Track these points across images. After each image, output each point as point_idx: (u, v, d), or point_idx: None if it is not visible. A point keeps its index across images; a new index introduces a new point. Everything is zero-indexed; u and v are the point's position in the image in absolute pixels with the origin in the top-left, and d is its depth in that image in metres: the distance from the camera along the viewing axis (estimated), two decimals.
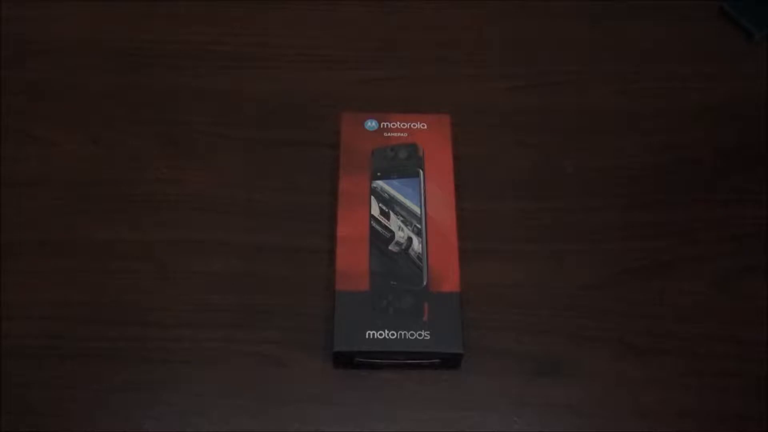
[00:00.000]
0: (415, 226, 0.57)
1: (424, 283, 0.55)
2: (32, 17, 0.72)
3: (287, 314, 0.56)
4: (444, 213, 0.58)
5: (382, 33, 0.73)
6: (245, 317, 0.56)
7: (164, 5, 0.73)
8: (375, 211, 0.58)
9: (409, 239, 0.56)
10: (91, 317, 0.56)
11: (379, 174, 0.59)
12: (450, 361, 0.54)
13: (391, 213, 0.57)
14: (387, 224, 0.57)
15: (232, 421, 0.52)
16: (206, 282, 0.58)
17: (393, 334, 0.53)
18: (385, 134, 0.62)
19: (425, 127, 0.62)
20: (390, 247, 0.56)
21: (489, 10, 0.74)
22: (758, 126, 0.66)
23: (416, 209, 0.58)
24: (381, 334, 0.53)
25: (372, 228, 0.57)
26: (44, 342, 0.55)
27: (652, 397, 0.54)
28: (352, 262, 0.55)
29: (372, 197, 0.58)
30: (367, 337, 0.53)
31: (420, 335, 0.53)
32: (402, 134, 0.61)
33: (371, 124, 0.62)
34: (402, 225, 0.57)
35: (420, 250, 0.56)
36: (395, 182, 0.59)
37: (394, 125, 0.62)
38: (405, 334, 0.53)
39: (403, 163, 0.60)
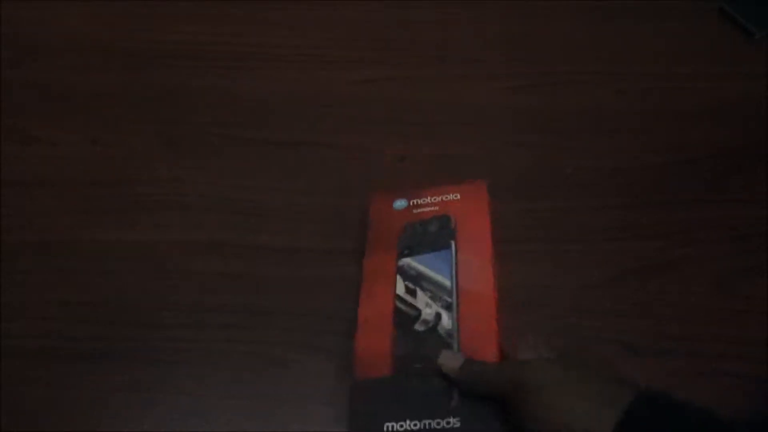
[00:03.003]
0: (444, 300, 0.51)
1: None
2: (32, 17, 0.72)
3: (287, 314, 0.56)
4: (480, 282, 0.51)
5: (382, 33, 0.73)
6: (245, 317, 0.56)
7: (164, 5, 0.73)
8: (400, 289, 0.53)
9: (438, 315, 0.50)
10: (91, 317, 0.56)
11: (407, 251, 0.55)
12: None
13: (417, 290, 0.52)
14: (413, 302, 0.52)
15: (232, 421, 0.52)
16: (206, 282, 0.58)
17: (416, 425, 0.45)
18: (415, 210, 0.57)
19: (458, 197, 0.57)
20: (416, 327, 0.50)
21: (489, 10, 0.74)
22: (758, 126, 0.66)
23: (446, 282, 0.52)
24: (402, 426, 0.46)
25: (396, 308, 0.52)
26: (44, 342, 0.55)
27: None
28: (373, 346, 0.50)
29: (398, 276, 0.53)
30: (386, 430, 0.46)
31: (448, 423, 0.45)
32: (433, 208, 0.57)
33: (400, 204, 0.58)
34: (430, 301, 0.51)
35: (450, 326, 0.50)
36: (425, 257, 0.54)
37: (424, 201, 0.58)
38: (430, 423, 0.45)
39: (434, 236, 0.55)
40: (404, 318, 0.51)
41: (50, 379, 0.54)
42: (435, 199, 0.57)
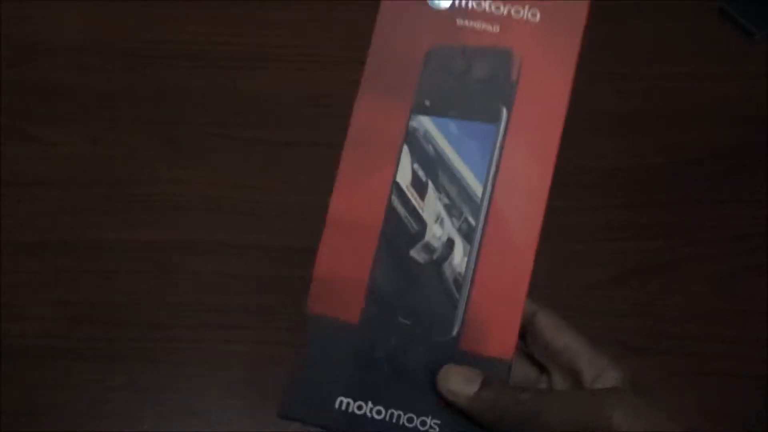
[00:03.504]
0: (465, 219, 0.32)
1: (455, 332, 0.32)
2: (32, 17, 0.72)
3: (287, 314, 0.56)
4: (526, 203, 0.33)
5: None
6: (245, 317, 0.56)
7: (164, 5, 0.73)
8: (405, 176, 0.33)
9: (450, 243, 0.32)
10: (91, 317, 0.56)
11: (427, 103, 0.33)
12: None
13: (430, 185, 0.33)
14: (418, 206, 0.33)
15: (232, 421, 0.52)
16: (206, 282, 0.58)
17: (380, 413, 0.32)
18: (460, 20, 0.33)
19: (536, 18, 0.33)
20: (413, 253, 0.33)
21: None
22: (758, 126, 0.66)
23: (475, 187, 0.32)
24: (361, 408, 0.32)
25: (391, 208, 0.33)
26: (44, 342, 0.55)
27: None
28: (342, 267, 0.33)
29: (405, 148, 0.33)
30: (336, 407, 0.32)
31: (423, 425, 0.31)
32: (490, 27, 0.33)
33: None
34: (444, 213, 0.33)
35: (462, 268, 0.32)
36: (452, 126, 0.33)
37: (480, 5, 0.33)
38: (399, 416, 0.31)
39: (477, 87, 0.33)
40: (398, 229, 0.33)
41: (50, 379, 0.54)
42: (498, 8, 0.33)
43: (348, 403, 0.32)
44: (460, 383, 0.31)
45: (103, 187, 0.62)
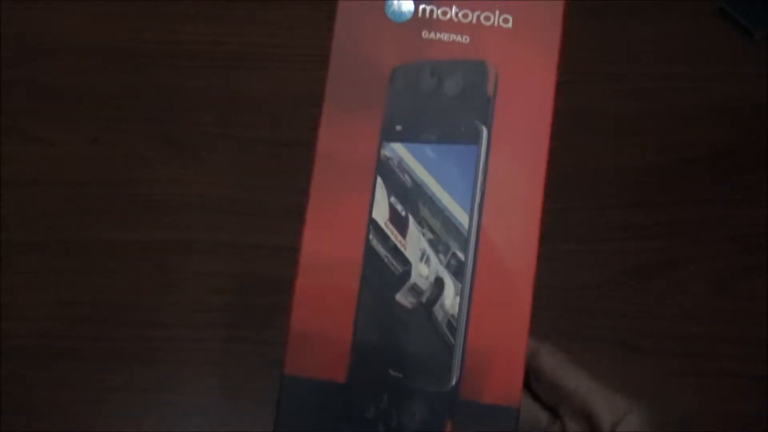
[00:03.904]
0: (453, 255, 0.29)
1: (453, 382, 0.29)
2: (32, 17, 0.72)
3: (287, 314, 0.56)
4: (518, 230, 0.29)
5: None
6: (245, 317, 0.56)
7: (164, 5, 0.73)
8: (381, 212, 0.29)
9: (439, 283, 0.29)
10: (91, 317, 0.56)
11: (399, 128, 0.30)
12: None
13: (410, 220, 0.29)
14: (400, 244, 0.29)
15: (232, 421, 0.52)
16: (206, 282, 0.58)
17: None
18: (425, 33, 0.30)
19: (509, 24, 0.30)
20: (399, 297, 0.29)
21: None
22: (758, 126, 0.66)
23: (462, 217, 0.29)
24: None
25: (370, 249, 0.29)
26: (44, 342, 0.55)
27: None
28: (322, 319, 0.29)
29: (379, 180, 0.29)
30: None
31: None
32: (459, 38, 0.30)
33: (399, 8, 0.30)
34: (429, 249, 0.29)
35: (455, 310, 0.29)
36: (428, 151, 0.29)
37: (445, 13, 0.30)
38: None
39: (450, 106, 0.29)
40: (380, 272, 0.29)
41: (50, 379, 0.54)
42: (466, 16, 0.30)
43: None
44: None
45: (103, 187, 0.62)
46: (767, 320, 0.57)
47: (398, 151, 0.29)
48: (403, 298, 0.29)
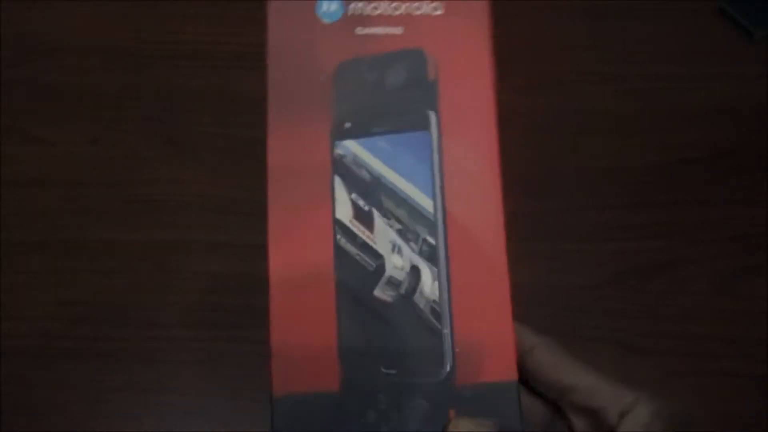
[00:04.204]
0: (424, 240, 0.29)
1: (448, 368, 0.28)
2: (32, 17, 0.72)
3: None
4: (482, 205, 0.29)
5: None
6: (245, 317, 0.56)
7: (164, 5, 0.73)
8: (344, 211, 0.29)
9: (415, 271, 0.29)
10: (91, 317, 0.56)
11: (348, 125, 0.29)
12: None
13: (375, 214, 0.29)
14: (369, 240, 0.29)
15: (232, 421, 0.52)
16: (206, 282, 0.58)
17: None
18: (358, 30, 0.30)
19: (440, 13, 0.31)
20: (377, 292, 0.29)
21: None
22: (758, 126, 0.66)
23: (425, 202, 0.29)
24: None
25: (339, 250, 0.29)
26: (44, 342, 0.55)
27: None
28: (303, 332, 0.28)
29: (336, 179, 0.29)
30: None
31: None
32: (393, 31, 0.30)
33: (329, 8, 0.30)
34: (398, 239, 0.29)
35: (436, 295, 0.28)
36: (381, 143, 0.29)
37: (375, 8, 0.30)
38: None
39: (396, 97, 0.30)
40: (353, 271, 0.28)
41: (50, 379, 0.54)
42: (396, 8, 0.30)
43: None
44: None
45: (103, 187, 0.62)
46: (767, 320, 0.57)
47: (351, 147, 0.29)
48: (381, 292, 0.28)
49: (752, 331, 0.56)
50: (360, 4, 0.30)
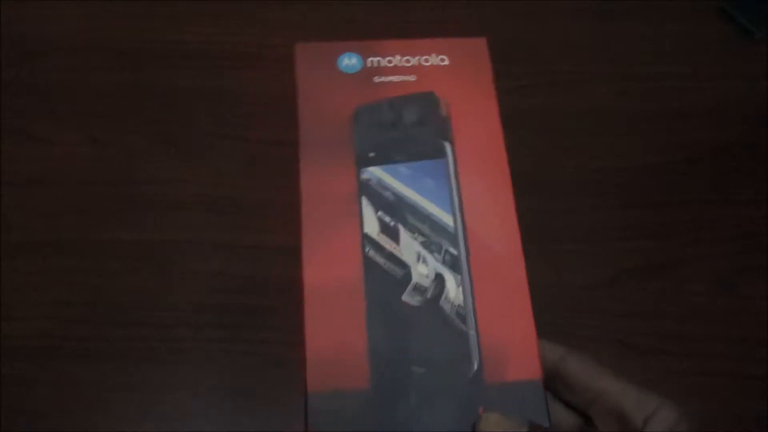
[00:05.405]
0: (447, 251, 0.32)
1: (476, 366, 0.30)
2: (32, 17, 0.72)
3: (287, 314, 0.56)
4: (498, 221, 0.33)
5: (382, 33, 0.73)
6: (245, 317, 0.56)
7: (164, 5, 0.73)
8: (372, 226, 0.32)
9: (439, 278, 0.31)
10: (91, 317, 0.56)
11: (372, 155, 0.33)
12: None
13: (400, 228, 0.32)
14: (395, 251, 0.32)
15: (232, 421, 0.52)
16: (206, 282, 0.58)
17: None
18: (376, 79, 0.35)
19: (446, 62, 0.35)
20: (405, 297, 0.31)
21: (490, 10, 0.74)
22: (758, 126, 0.66)
23: (445, 217, 0.32)
24: None
25: (368, 261, 0.31)
26: (44, 342, 0.55)
27: None
28: (334, 337, 0.30)
29: (363, 199, 0.33)
30: None
31: None
32: (406, 78, 0.35)
33: (350, 62, 0.35)
34: (422, 250, 0.32)
35: (461, 299, 0.31)
36: (404, 168, 0.33)
37: (390, 61, 0.35)
38: None
39: (413, 131, 0.34)
40: (382, 279, 0.31)
41: (50, 379, 0.54)
42: (408, 61, 0.35)
43: None
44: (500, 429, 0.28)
45: (103, 187, 0.62)
46: (767, 320, 0.57)
47: (375, 172, 0.33)
48: (409, 297, 0.31)
49: (752, 331, 0.56)
50: (376, 59, 0.35)
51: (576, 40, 0.72)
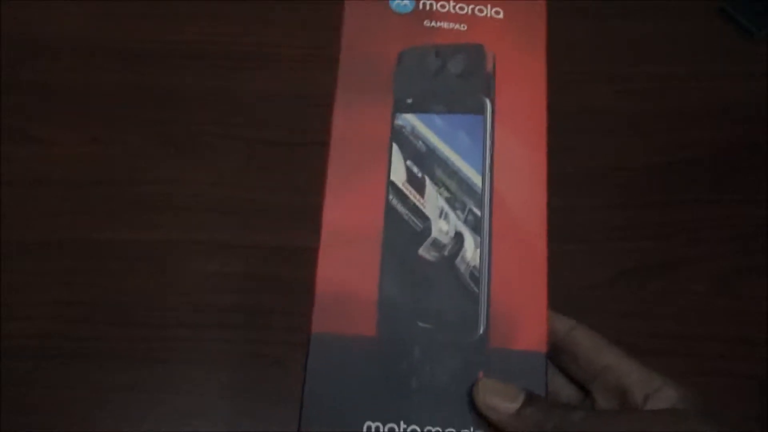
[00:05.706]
0: (470, 211, 0.31)
1: (481, 330, 0.30)
2: (32, 17, 0.72)
3: (287, 314, 0.56)
4: (527, 186, 0.32)
5: None
6: (245, 317, 0.56)
7: (164, 5, 0.73)
8: (399, 174, 0.31)
9: (459, 237, 0.31)
10: (91, 317, 0.56)
11: (410, 101, 0.32)
12: None
13: (427, 181, 0.31)
14: (419, 203, 0.31)
15: (232, 421, 0.52)
16: (206, 282, 0.58)
17: None
18: (427, 22, 0.33)
19: (500, 15, 0.34)
20: (422, 251, 0.31)
21: None
22: (758, 126, 0.66)
23: (475, 178, 0.32)
24: (393, 431, 0.28)
25: (390, 209, 0.31)
26: (44, 342, 0.55)
27: None
28: (345, 279, 0.30)
29: (394, 146, 0.32)
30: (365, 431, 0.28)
31: None
32: (457, 26, 0.34)
33: (402, 1, 0.33)
34: (446, 207, 0.31)
35: (477, 261, 0.31)
36: (438, 120, 0.32)
37: (443, 7, 0.34)
38: None
39: (455, 83, 0.33)
40: (401, 229, 0.31)
41: (50, 379, 0.54)
42: (462, 9, 0.34)
43: (377, 428, 0.28)
44: (499, 397, 0.28)
45: (103, 187, 0.62)
46: (767, 320, 0.57)
47: (411, 120, 0.32)
48: (425, 252, 0.31)
49: (752, 331, 0.56)
50: (430, 1, 0.34)
51: (576, 40, 0.72)
